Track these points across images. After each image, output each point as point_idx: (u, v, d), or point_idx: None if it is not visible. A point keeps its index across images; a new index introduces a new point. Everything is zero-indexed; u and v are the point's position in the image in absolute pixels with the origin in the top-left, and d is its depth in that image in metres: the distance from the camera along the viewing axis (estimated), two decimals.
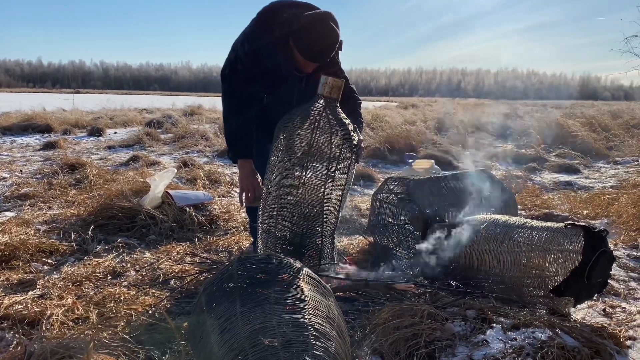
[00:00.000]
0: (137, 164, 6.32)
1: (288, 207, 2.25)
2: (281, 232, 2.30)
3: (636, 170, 6.47)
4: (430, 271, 2.53)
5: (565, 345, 1.67)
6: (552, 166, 7.12)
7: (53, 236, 3.13)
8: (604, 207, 4.19)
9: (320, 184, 2.20)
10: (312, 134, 2.13)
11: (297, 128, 2.15)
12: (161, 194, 3.63)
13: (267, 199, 2.31)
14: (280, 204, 2.26)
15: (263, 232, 2.35)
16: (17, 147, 8.04)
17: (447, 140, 9.33)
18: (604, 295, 2.43)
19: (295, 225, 2.28)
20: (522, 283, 2.20)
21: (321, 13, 2.22)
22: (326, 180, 2.19)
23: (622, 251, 3.15)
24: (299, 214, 2.27)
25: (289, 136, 2.17)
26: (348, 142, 2.18)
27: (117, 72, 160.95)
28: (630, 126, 11.53)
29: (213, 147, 8.32)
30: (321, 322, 1.36)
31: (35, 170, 5.64)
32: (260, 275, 1.53)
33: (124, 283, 2.47)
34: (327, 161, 2.17)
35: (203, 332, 1.43)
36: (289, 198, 2.24)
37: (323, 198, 2.22)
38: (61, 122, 11.05)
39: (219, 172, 5.52)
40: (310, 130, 2.13)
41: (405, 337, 1.77)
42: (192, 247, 3.11)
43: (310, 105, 2.16)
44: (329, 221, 2.30)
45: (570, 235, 2.09)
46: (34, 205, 3.90)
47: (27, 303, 2.13)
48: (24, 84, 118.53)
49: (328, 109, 2.14)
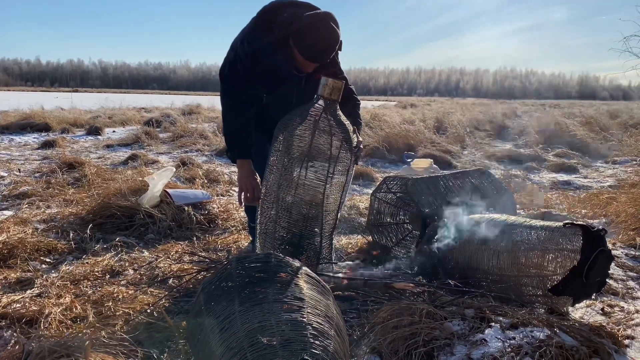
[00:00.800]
0: (135, 163, 6.32)
1: (287, 207, 2.25)
2: (279, 232, 2.30)
3: (634, 170, 6.48)
4: (429, 265, 2.53)
5: (563, 344, 1.67)
6: (551, 166, 7.13)
7: (51, 235, 3.13)
8: (603, 206, 4.19)
9: (319, 185, 2.20)
10: (311, 135, 2.13)
11: (297, 129, 2.15)
12: (160, 192, 3.62)
13: (266, 199, 2.30)
14: (279, 205, 2.26)
15: (261, 233, 2.35)
16: (15, 145, 8.02)
17: (446, 139, 9.33)
18: (602, 295, 2.43)
19: (294, 226, 2.28)
20: (521, 282, 2.20)
21: (322, 13, 2.21)
22: (326, 181, 2.19)
23: (621, 250, 3.15)
24: (297, 215, 2.27)
25: (289, 137, 2.16)
26: (347, 144, 2.18)
27: (116, 71, 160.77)
28: (628, 126, 11.56)
29: (212, 146, 8.32)
30: (320, 321, 1.36)
31: (33, 169, 5.63)
32: (258, 275, 1.52)
33: (122, 282, 2.47)
34: (326, 162, 2.17)
35: (202, 331, 1.43)
36: (287, 198, 2.24)
37: (322, 199, 2.22)
38: (59, 121, 11.05)
39: (217, 171, 5.52)
40: (310, 131, 2.13)
41: (403, 336, 1.77)
42: (191, 246, 3.11)
43: (310, 106, 2.16)
44: (327, 222, 2.30)
45: (569, 235, 2.09)
46: (32, 204, 3.89)
47: (25, 302, 2.13)
48: (22, 82, 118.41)
49: (328, 110, 2.14)
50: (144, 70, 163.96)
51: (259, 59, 2.34)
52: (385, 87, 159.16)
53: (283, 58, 2.33)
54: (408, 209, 3.10)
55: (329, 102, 2.14)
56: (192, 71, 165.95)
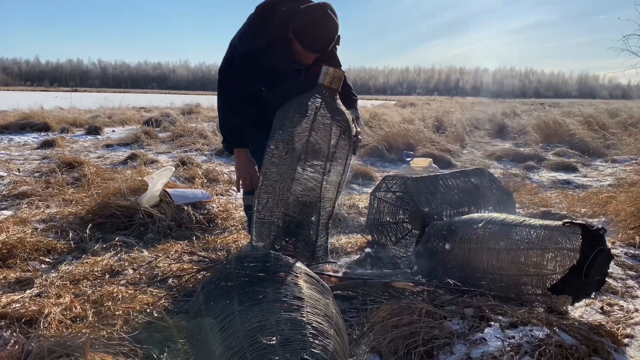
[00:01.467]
0: (135, 163, 6.31)
1: (284, 194, 2.26)
2: (276, 220, 2.30)
3: (634, 169, 6.48)
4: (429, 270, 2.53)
5: (563, 343, 1.67)
6: (550, 164, 7.13)
7: (51, 235, 3.13)
8: (602, 205, 4.19)
9: (317, 173, 2.21)
10: (311, 122, 2.14)
11: (296, 116, 2.16)
12: (159, 192, 3.62)
13: (263, 187, 2.31)
14: (276, 192, 2.26)
15: (257, 220, 2.35)
16: (14, 145, 8.02)
17: (445, 138, 9.33)
18: (601, 294, 2.43)
19: (290, 214, 2.28)
20: (520, 281, 2.20)
21: (321, 4, 2.26)
22: (325, 167, 2.19)
23: (620, 249, 3.16)
24: (294, 202, 2.27)
25: (288, 124, 2.17)
26: (347, 133, 2.19)
27: (115, 71, 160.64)
28: (628, 125, 11.54)
29: (211, 145, 8.32)
30: (319, 320, 1.36)
31: (32, 169, 5.63)
32: (258, 274, 1.52)
33: (121, 282, 2.47)
34: (326, 149, 2.18)
35: (201, 331, 1.43)
36: (285, 185, 2.24)
37: (321, 186, 2.22)
38: (59, 120, 11.04)
39: (217, 171, 5.52)
40: (310, 118, 2.14)
41: (403, 335, 1.77)
42: (190, 245, 3.11)
43: (311, 95, 2.17)
44: (324, 208, 2.31)
45: (568, 234, 2.09)
46: (32, 204, 3.89)
47: (24, 302, 2.13)
48: (21, 82, 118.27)
49: (328, 98, 2.15)
50: (144, 70, 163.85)
51: (257, 57, 2.35)
52: (384, 86, 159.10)
53: (282, 55, 2.33)
54: (407, 208, 3.10)
55: (329, 90, 2.15)
56: (191, 71, 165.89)
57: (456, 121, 11.32)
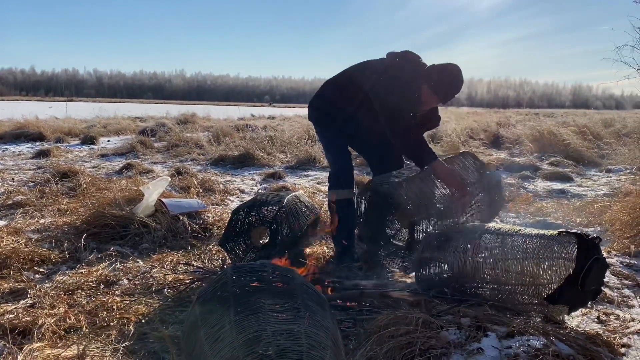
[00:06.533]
0: (130, 172, 6.30)
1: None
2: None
3: (628, 178, 6.51)
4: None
5: (560, 352, 1.67)
6: (545, 174, 7.14)
7: (45, 245, 3.11)
8: (597, 214, 4.21)
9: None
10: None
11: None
12: (154, 202, 3.61)
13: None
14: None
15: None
16: (9, 155, 7.99)
17: (441, 148, 9.36)
18: (598, 303, 2.43)
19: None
20: (517, 291, 2.20)
21: (456, 66, 2.80)
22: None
23: (616, 259, 3.16)
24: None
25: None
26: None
27: (111, 81, 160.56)
28: (621, 134, 11.61)
29: (207, 155, 8.32)
30: (316, 331, 1.36)
31: (27, 179, 5.61)
32: (254, 284, 1.52)
33: (116, 292, 2.45)
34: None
35: (197, 342, 1.42)
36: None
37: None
38: (54, 130, 11.02)
39: (212, 180, 5.50)
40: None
41: (400, 346, 1.76)
42: (186, 255, 3.10)
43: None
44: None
45: (564, 243, 2.09)
46: (26, 214, 3.87)
47: (18, 312, 2.11)
48: (16, 92, 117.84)
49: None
50: (139, 80, 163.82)
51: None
52: None
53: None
54: (394, 209, 3.11)
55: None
56: (187, 80, 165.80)
57: (451, 131, 11.36)
